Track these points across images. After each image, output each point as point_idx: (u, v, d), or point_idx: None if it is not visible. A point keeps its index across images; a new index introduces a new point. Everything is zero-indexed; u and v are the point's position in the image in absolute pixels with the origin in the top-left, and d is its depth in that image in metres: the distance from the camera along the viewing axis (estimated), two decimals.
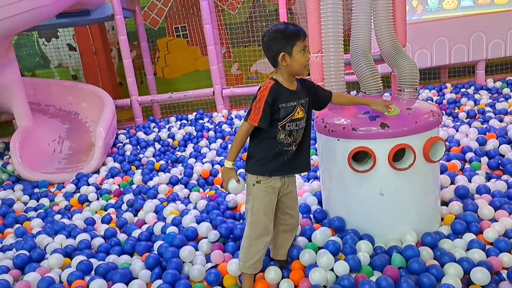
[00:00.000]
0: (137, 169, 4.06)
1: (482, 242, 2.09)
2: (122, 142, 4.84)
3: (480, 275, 1.84)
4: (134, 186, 3.52)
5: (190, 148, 4.46)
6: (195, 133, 4.89)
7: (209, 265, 2.19)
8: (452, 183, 2.72)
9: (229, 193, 2.51)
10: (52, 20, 4.95)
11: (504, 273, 1.90)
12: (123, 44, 5.64)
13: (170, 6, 7.20)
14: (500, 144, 3.28)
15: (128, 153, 4.48)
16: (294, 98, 1.86)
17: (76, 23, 5.93)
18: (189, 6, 7.15)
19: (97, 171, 4.10)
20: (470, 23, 5.34)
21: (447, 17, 5.40)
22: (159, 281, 2.05)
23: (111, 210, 3.16)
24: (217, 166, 3.72)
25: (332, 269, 1.97)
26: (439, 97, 5.20)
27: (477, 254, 1.99)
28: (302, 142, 1.93)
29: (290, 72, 1.84)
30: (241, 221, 2.58)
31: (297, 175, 3.23)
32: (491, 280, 1.85)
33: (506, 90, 5.08)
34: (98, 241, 2.55)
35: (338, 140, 2.16)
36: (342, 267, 1.95)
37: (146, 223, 2.78)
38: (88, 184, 3.75)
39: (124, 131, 5.25)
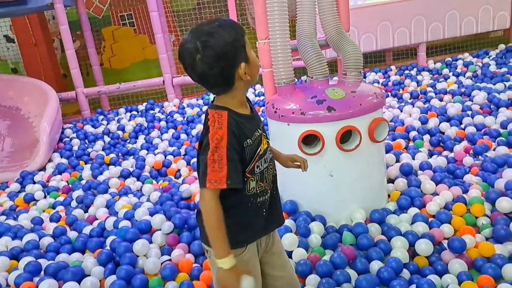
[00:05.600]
0: (86, 164, 3.92)
1: (425, 215, 2.22)
2: (69, 137, 4.66)
3: (424, 246, 1.96)
4: (83, 182, 3.41)
5: (141, 139, 4.37)
6: (146, 124, 4.79)
7: (165, 257, 2.17)
8: (398, 161, 2.85)
9: None
10: None
11: (445, 243, 2.02)
12: (65, 34, 5.39)
13: None
14: (440, 122, 3.46)
15: (75, 148, 4.32)
16: (255, 125, 1.31)
17: (13, 13, 5.57)
18: None
19: (43, 168, 3.93)
20: (411, 7, 5.54)
21: (390, 1, 5.57)
22: (113, 277, 2.01)
23: (59, 208, 3.04)
24: (169, 157, 3.67)
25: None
26: (384, 79, 5.38)
27: (421, 227, 2.11)
28: (273, 180, 1.39)
29: (249, 85, 1.31)
30: (195, 210, 2.56)
31: None
32: (434, 251, 1.97)
33: (445, 71, 5.34)
34: (46, 241, 2.45)
35: (288, 124, 2.20)
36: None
37: (97, 219, 2.71)
38: (34, 182, 3.58)
39: (70, 125, 5.04)
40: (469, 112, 3.60)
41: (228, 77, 1.22)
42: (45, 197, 3.32)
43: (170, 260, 2.15)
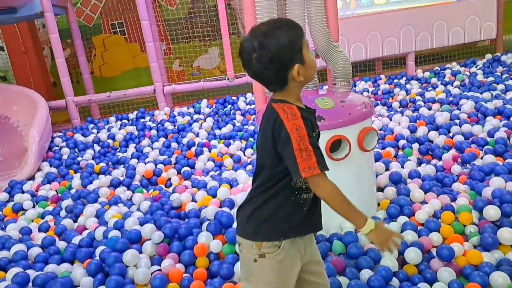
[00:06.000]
0: (75, 173, 3.89)
1: (414, 224, 2.23)
2: (58, 146, 4.62)
3: (413, 254, 1.97)
4: (73, 191, 3.38)
5: (131, 148, 4.35)
6: (136, 133, 4.77)
7: (155, 267, 2.16)
8: (387, 169, 2.88)
9: None
10: None
11: (434, 251, 2.04)
12: (55, 42, 5.36)
13: (105, 2, 6.94)
14: (429, 131, 3.50)
15: (65, 156, 4.28)
16: (315, 120, 1.34)
17: (2, 22, 5.54)
18: (126, 1, 6.93)
19: (32, 178, 3.89)
20: (400, 17, 5.63)
21: (379, 12, 5.66)
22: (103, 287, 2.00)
23: (48, 217, 3.01)
24: (160, 166, 3.66)
25: None
26: (374, 88, 5.44)
27: (410, 235, 2.13)
28: None
29: (303, 85, 1.33)
30: (186, 220, 2.56)
31: (241, 169, 3.27)
32: (423, 259, 1.99)
33: (434, 80, 5.42)
34: (35, 251, 2.43)
35: None
36: None
37: (87, 229, 2.68)
38: (23, 192, 3.55)
39: (60, 133, 5.01)
40: (457, 121, 3.65)
41: (281, 77, 1.27)
42: (33, 206, 3.28)
43: (160, 270, 2.14)
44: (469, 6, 5.77)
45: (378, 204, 2.51)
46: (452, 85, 5.11)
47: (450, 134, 3.45)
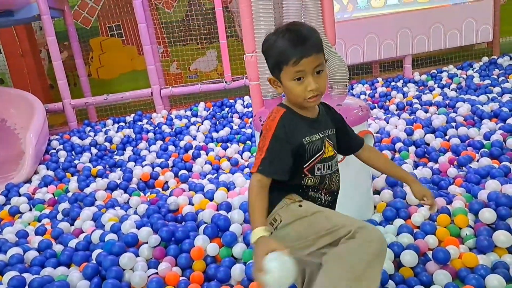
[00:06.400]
0: (72, 176, 3.89)
1: (410, 227, 2.24)
2: (55, 149, 4.61)
3: (409, 257, 1.98)
4: (69, 194, 3.38)
5: (129, 151, 4.35)
6: (133, 136, 4.77)
7: (152, 271, 2.16)
8: None
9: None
10: None
11: (430, 254, 2.05)
12: (52, 45, 5.37)
13: (102, 5, 6.94)
14: (425, 134, 3.51)
15: (62, 159, 4.28)
16: (316, 129, 1.37)
17: None
18: (123, 4, 6.93)
19: (28, 181, 3.88)
20: (397, 20, 5.66)
21: (376, 15, 5.68)
22: None
23: (45, 220, 3.01)
24: (157, 169, 3.66)
25: None
26: (371, 91, 5.46)
27: (406, 238, 2.13)
28: (333, 193, 1.46)
29: (291, 100, 1.38)
30: (183, 223, 2.56)
31: (239, 172, 3.28)
32: (418, 262, 1.99)
33: (430, 83, 5.44)
34: (31, 254, 2.42)
35: None
36: None
37: (83, 232, 2.68)
38: (19, 195, 3.54)
39: (57, 136, 5.00)
40: (454, 124, 3.66)
41: (273, 75, 1.35)
42: (30, 209, 3.27)
43: (156, 273, 2.14)
44: (466, 9, 5.80)
45: (375, 207, 2.51)
46: (449, 88, 5.13)
47: (447, 137, 3.46)
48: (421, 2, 5.78)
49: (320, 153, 1.34)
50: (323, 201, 1.40)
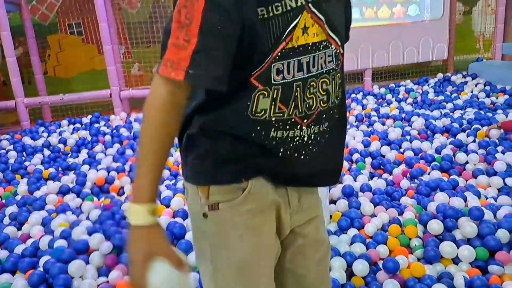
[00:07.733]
0: (22, 178, 3.71)
1: (363, 236, 2.29)
2: (5, 149, 4.39)
3: (360, 267, 2.02)
4: (18, 197, 3.21)
5: (83, 154, 4.20)
6: (89, 138, 4.62)
7: (102, 279, 2.09)
8: (340, 182, 2.94)
9: None
10: None
11: (380, 264, 2.10)
12: (6, 40, 5.13)
13: (62, 1, 6.72)
14: (381, 146, 3.62)
15: (12, 160, 4.07)
16: None
17: None
18: (84, 1, 6.74)
19: None
20: (358, 35, 5.80)
21: None
22: None
23: None
24: (113, 173, 3.55)
25: None
26: None
27: (358, 248, 2.18)
28: (328, 112, 0.86)
29: None
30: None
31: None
32: (369, 271, 2.04)
33: (389, 96, 5.63)
34: None
35: None
36: None
37: (31, 237, 2.56)
38: None
39: (7, 136, 4.77)
40: (408, 137, 3.80)
41: None
42: None
43: (107, 282, 2.07)
44: (423, 27, 6.06)
45: (331, 217, 2.55)
46: (406, 102, 5.32)
47: (401, 150, 3.59)
48: (381, 18, 5.99)
49: (286, 35, 0.73)
50: (306, 139, 0.80)
